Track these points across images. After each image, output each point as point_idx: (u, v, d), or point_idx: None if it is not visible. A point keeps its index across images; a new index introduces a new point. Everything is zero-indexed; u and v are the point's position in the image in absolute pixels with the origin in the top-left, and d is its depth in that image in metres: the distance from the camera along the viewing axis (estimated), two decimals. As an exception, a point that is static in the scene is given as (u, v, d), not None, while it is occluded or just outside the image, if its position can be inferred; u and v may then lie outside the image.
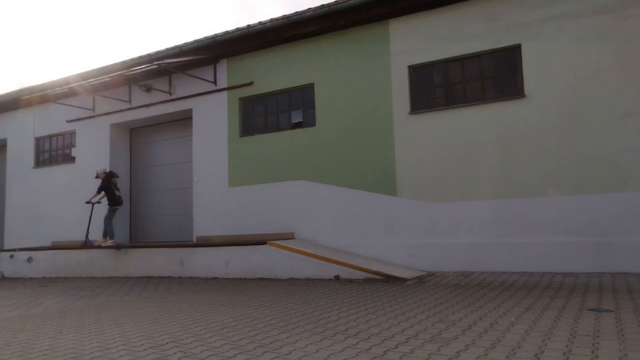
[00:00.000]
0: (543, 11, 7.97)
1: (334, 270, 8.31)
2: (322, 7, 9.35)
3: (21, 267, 12.06)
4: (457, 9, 8.65)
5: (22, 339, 4.73)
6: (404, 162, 8.96)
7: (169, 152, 12.85)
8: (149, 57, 11.33)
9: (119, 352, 4.01)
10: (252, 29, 10.14)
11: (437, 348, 3.69)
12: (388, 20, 9.26)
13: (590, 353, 3.39)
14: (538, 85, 7.96)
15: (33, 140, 14.43)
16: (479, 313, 4.94)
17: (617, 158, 7.36)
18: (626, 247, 7.16)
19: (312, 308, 5.68)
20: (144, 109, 12.25)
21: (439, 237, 8.50)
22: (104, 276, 10.79)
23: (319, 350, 3.78)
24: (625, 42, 7.41)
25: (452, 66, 8.82)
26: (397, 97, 9.10)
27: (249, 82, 10.75)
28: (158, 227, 12.87)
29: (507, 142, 8.13)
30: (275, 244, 8.99)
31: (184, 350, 3.99)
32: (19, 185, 14.48)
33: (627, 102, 7.37)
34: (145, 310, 6.19)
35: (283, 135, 10.37)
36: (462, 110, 8.55)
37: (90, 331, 4.97)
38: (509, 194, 8.02)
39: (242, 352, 3.84)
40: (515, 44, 8.19)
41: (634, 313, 4.62)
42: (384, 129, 9.16)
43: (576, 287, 6.26)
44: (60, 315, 6.12)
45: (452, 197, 8.47)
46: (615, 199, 7.29)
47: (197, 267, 9.79)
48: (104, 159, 12.88)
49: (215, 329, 4.78)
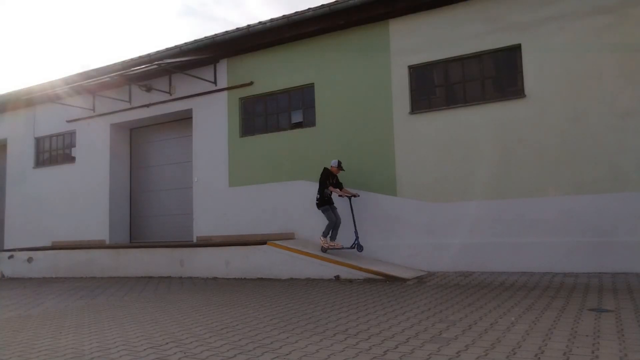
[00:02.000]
0: (543, 11, 7.97)
1: (334, 270, 8.31)
2: (322, 7, 9.34)
3: (21, 267, 12.06)
4: (457, 9, 8.65)
5: (22, 339, 4.73)
6: (404, 162, 8.95)
7: (169, 152, 12.85)
8: (149, 57, 11.32)
9: (119, 352, 4.01)
10: (252, 29, 10.13)
11: (437, 348, 3.69)
12: (388, 20, 9.26)
13: (590, 353, 3.39)
14: (538, 85, 7.96)
15: (33, 140, 14.43)
16: (479, 313, 4.93)
17: (617, 158, 7.35)
18: (626, 247, 7.15)
19: (312, 308, 5.68)
20: (144, 109, 12.24)
21: (439, 237, 8.50)
22: (104, 276, 10.79)
23: (319, 350, 3.78)
24: (624, 42, 7.41)
25: (452, 66, 8.82)
26: (397, 97, 9.10)
27: (249, 82, 10.74)
28: (158, 227, 12.87)
29: (507, 142, 8.13)
30: (275, 244, 8.99)
31: (184, 350, 3.99)
32: (19, 185, 14.48)
33: (627, 102, 7.36)
34: (145, 310, 6.19)
35: (283, 135, 10.37)
36: (462, 110, 8.55)
37: (90, 331, 4.97)
38: (509, 194, 8.02)
39: (242, 352, 3.84)
40: (515, 44, 8.18)
41: (634, 313, 4.62)
42: (384, 129, 9.16)
43: (576, 287, 6.26)
44: (60, 315, 6.12)
45: (452, 197, 8.47)
46: (615, 199, 7.29)
47: (197, 267, 9.79)
48: (104, 159, 12.89)
49: (215, 329, 4.78)
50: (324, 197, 8.81)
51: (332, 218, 8.81)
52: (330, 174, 8.93)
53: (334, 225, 8.83)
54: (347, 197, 8.83)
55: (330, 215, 8.83)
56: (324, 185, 8.82)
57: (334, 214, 8.89)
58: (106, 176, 12.82)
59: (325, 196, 8.82)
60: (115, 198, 12.85)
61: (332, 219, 8.81)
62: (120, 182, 13.11)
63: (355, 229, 8.70)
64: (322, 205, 8.85)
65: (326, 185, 8.83)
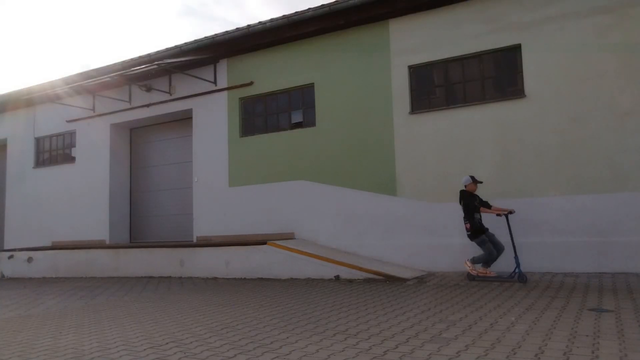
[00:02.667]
0: (543, 11, 7.97)
1: (334, 270, 8.31)
2: (322, 7, 9.34)
3: (21, 267, 12.06)
4: (457, 9, 8.65)
5: (22, 339, 4.73)
6: (404, 162, 8.95)
7: (169, 152, 12.85)
8: (149, 57, 11.33)
9: (119, 352, 4.01)
10: (252, 29, 10.13)
11: (437, 348, 3.69)
12: (388, 20, 9.26)
13: (590, 353, 3.38)
14: (538, 85, 7.96)
15: (33, 140, 14.43)
16: (479, 313, 4.93)
17: (617, 158, 7.35)
18: (626, 247, 7.15)
19: (312, 308, 5.68)
20: (144, 109, 12.24)
21: (439, 237, 8.50)
22: (104, 276, 10.78)
23: (319, 351, 3.77)
24: (625, 42, 7.41)
25: (452, 66, 8.82)
26: (397, 97, 9.10)
27: (249, 82, 10.74)
28: (158, 227, 12.87)
29: (507, 142, 8.13)
30: (275, 244, 8.99)
31: (184, 350, 3.99)
32: (19, 185, 14.48)
33: (627, 102, 7.36)
34: (145, 310, 6.19)
35: (283, 135, 10.37)
36: (462, 110, 8.55)
37: (90, 331, 4.97)
38: (509, 194, 8.01)
39: (242, 352, 3.84)
40: (515, 44, 8.18)
41: (634, 313, 4.62)
42: (384, 129, 9.16)
43: (576, 287, 6.26)
44: (60, 315, 6.12)
45: (452, 197, 8.45)
46: (615, 199, 7.29)
47: (197, 267, 9.79)
48: (104, 159, 12.89)
49: (215, 329, 4.78)
50: (476, 224, 7.28)
51: (492, 251, 7.14)
52: (470, 194, 7.46)
53: (493, 257, 7.20)
54: (504, 215, 7.09)
55: (489, 247, 7.15)
56: (472, 210, 7.29)
57: (494, 244, 7.22)
58: (106, 176, 12.81)
59: (477, 223, 7.29)
60: (115, 198, 12.85)
61: (492, 252, 7.14)
62: (120, 182, 13.11)
63: (515, 254, 6.95)
64: (476, 235, 7.27)
65: (475, 208, 7.30)
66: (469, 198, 7.39)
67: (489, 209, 7.28)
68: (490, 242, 7.20)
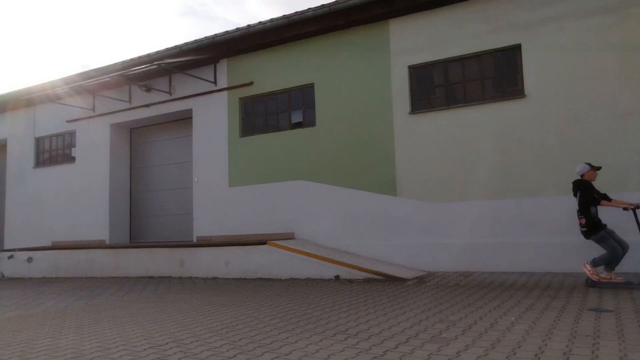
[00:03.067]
0: (543, 11, 7.97)
1: (334, 270, 8.31)
2: (322, 7, 9.34)
3: (21, 267, 12.06)
4: (457, 9, 8.65)
5: (22, 339, 4.73)
6: (404, 162, 8.95)
7: (169, 152, 12.85)
8: (149, 57, 11.32)
9: (119, 352, 4.01)
10: (252, 29, 10.13)
11: (437, 348, 3.69)
12: (388, 20, 9.26)
13: (590, 353, 3.38)
14: (538, 85, 7.96)
15: (33, 140, 14.43)
16: (479, 313, 4.93)
17: (617, 158, 7.35)
18: (626, 247, 7.13)
19: (312, 308, 5.68)
20: (144, 109, 12.24)
21: (439, 237, 8.50)
22: (104, 276, 10.78)
23: (319, 351, 3.77)
24: (625, 42, 7.41)
25: (452, 66, 8.82)
26: (397, 97, 9.10)
27: (249, 82, 10.74)
28: (158, 227, 12.87)
29: (507, 142, 8.13)
30: (275, 244, 8.99)
31: (184, 350, 3.99)
32: (19, 185, 14.48)
33: (627, 102, 7.36)
34: (145, 310, 6.19)
35: (283, 135, 10.37)
36: (462, 110, 8.55)
37: (90, 331, 4.97)
38: (509, 194, 8.02)
39: (242, 352, 3.84)
40: (515, 44, 8.18)
41: (634, 313, 4.62)
42: (384, 129, 9.16)
43: (576, 287, 6.26)
44: (60, 315, 6.12)
45: (452, 197, 8.47)
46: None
47: (197, 267, 9.79)
48: (104, 159, 12.89)
49: (215, 329, 4.78)
50: (593, 219, 6.23)
51: (615, 248, 6.09)
52: (589, 184, 6.38)
53: (618, 256, 6.13)
54: (632, 209, 6.11)
55: (611, 243, 6.11)
56: (591, 203, 6.24)
57: (617, 240, 6.17)
58: (106, 176, 12.81)
59: (594, 217, 6.24)
60: (115, 198, 12.85)
61: (615, 248, 6.09)
62: (120, 182, 13.11)
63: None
64: (593, 232, 6.21)
65: (595, 200, 6.25)
66: (588, 189, 6.31)
67: (609, 202, 6.30)
68: (613, 240, 6.14)
